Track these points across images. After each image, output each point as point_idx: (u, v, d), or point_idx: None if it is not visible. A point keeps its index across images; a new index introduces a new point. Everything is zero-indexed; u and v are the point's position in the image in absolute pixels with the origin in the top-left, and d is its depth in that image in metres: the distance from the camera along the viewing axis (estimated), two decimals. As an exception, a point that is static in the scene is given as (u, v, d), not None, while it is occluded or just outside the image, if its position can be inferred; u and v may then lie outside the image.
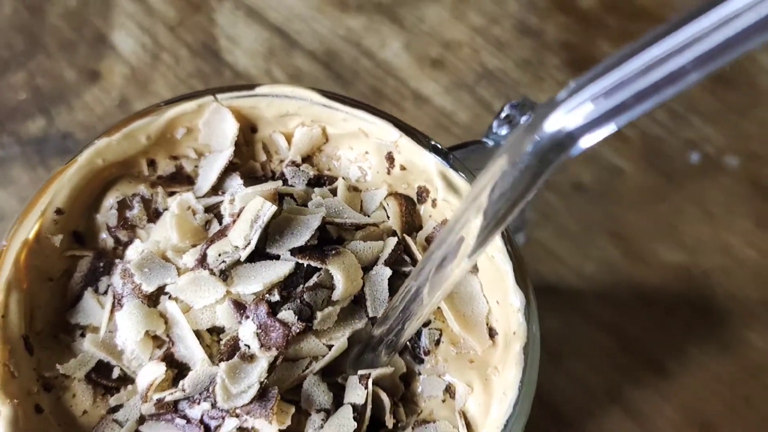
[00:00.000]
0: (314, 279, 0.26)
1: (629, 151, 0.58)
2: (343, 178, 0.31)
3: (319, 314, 0.26)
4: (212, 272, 0.26)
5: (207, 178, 0.30)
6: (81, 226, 0.29)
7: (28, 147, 0.55)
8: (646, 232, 0.55)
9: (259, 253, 0.27)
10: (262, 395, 0.25)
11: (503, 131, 0.33)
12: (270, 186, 0.27)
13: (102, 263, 0.28)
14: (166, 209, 0.29)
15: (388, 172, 0.31)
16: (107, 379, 0.26)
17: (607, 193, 0.56)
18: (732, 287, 0.53)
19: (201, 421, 0.25)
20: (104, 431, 0.26)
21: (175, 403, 0.26)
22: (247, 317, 0.25)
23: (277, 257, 0.27)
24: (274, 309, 0.25)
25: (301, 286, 0.26)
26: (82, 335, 0.27)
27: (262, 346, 0.25)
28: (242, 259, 0.26)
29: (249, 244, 0.26)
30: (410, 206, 0.30)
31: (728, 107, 0.60)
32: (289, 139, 0.31)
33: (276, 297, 0.26)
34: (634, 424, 0.49)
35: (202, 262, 0.26)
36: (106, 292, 0.28)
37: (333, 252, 0.27)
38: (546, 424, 0.48)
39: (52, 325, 0.27)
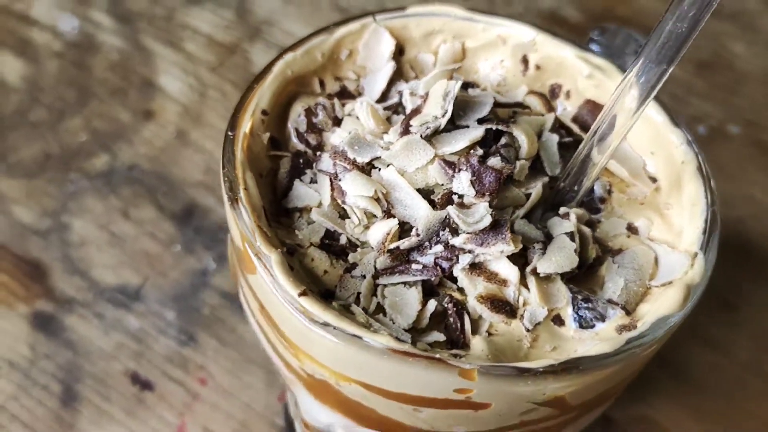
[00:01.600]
0: (503, 140, 0.30)
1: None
2: (485, 86, 0.35)
3: (518, 163, 0.29)
4: (421, 136, 0.29)
5: (375, 88, 0.33)
6: (276, 132, 0.32)
7: (96, 180, 0.57)
8: (679, 193, 0.60)
9: (450, 126, 0.30)
10: (494, 225, 0.27)
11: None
12: (448, 67, 0.31)
13: (301, 160, 0.31)
14: (345, 116, 0.33)
15: (524, 74, 0.35)
16: (338, 243, 0.29)
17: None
18: (764, 230, 0.59)
19: (435, 264, 0.28)
20: (346, 286, 0.28)
21: (407, 254, 0.28)
22: (460, 170, 0.29)
23: (467, 127, 0.30)
24: (482, 159, 0.29)
25: (494, 145, 0.30)
26: (300, 217, 0.30)
27: (477, 192, 0.28)
28: (441, 126, 0.29)
29: (446, 112, 0.30)
30: (547, 100, 0.35)
31: (717, 87, 0.68)
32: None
33: (479, 152, 0.29)
34: (714, 353, 0.52)
35: (405, 133, 0.30)
36: (312, 182, 0.31)
37: (512, 120, 0.31)
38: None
39: (269, 213, 0.30)
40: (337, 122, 0.33)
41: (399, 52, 0.35)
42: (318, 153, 0.31)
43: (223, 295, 0.52)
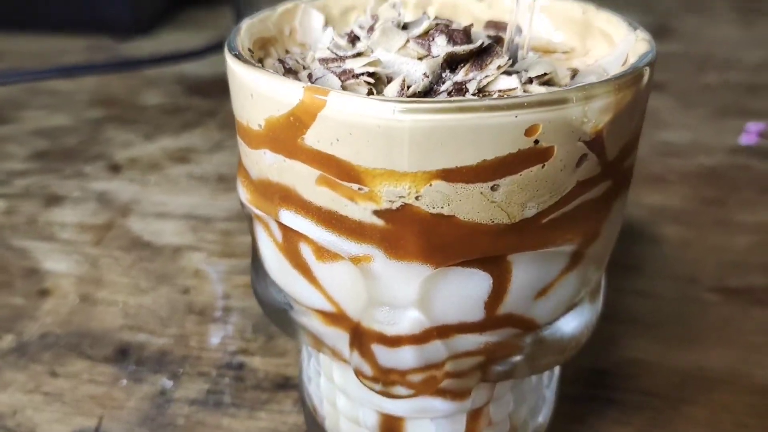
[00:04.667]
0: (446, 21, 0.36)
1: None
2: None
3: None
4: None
5: (323, 42, 0.38)
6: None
7: (8, 357, 0.51)
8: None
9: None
10: (485, 48, 0.32)
11: None
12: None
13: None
14: (310, 63, 0.36)
15: (430, 27, 0.42)
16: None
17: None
18: None
19: (457, 89, 0.31)
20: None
21: (431, 95, 0.32)
22: (434, 38, 0.34)
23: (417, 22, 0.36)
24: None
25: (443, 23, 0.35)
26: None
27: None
28: (402, 23, 0.35)
29: (400, 13, 0.35)
30: (456, 40, 0.42)
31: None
32: (351, 33, 0.41)
33: (442, 26, 0.34)
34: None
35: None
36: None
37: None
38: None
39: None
40: (305, 68, 0.36)
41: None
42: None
43: (193, 402, 0.48)
